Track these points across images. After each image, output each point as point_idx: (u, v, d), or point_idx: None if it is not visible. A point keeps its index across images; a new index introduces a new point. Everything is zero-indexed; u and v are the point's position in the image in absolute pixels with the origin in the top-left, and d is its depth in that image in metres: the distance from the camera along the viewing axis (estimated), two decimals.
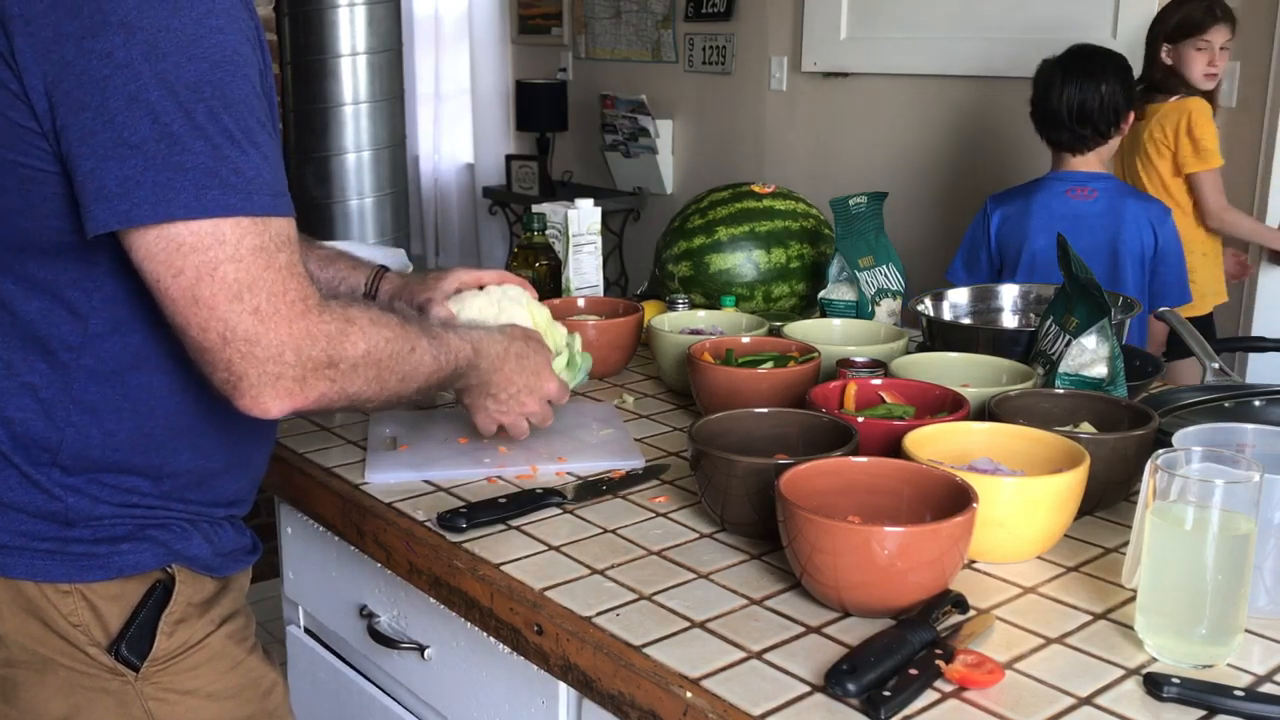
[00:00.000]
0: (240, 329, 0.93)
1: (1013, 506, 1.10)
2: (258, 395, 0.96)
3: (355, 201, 4.54)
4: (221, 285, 0.92)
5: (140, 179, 0.90)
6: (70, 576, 1.03)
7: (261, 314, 0.93)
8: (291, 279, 0.96)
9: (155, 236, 0.91)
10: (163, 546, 1.06)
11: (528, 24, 5.60)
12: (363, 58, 4.38)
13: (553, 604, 1.06)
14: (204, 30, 0.92)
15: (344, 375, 1.00)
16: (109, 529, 1.04)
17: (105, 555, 1.03)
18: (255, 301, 0.93)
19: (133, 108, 0.89)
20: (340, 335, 0.99)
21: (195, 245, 0.91)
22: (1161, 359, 1.61)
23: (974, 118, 3.91)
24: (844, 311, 1.87)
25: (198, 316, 0.93)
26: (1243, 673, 0.95)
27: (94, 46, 0.89)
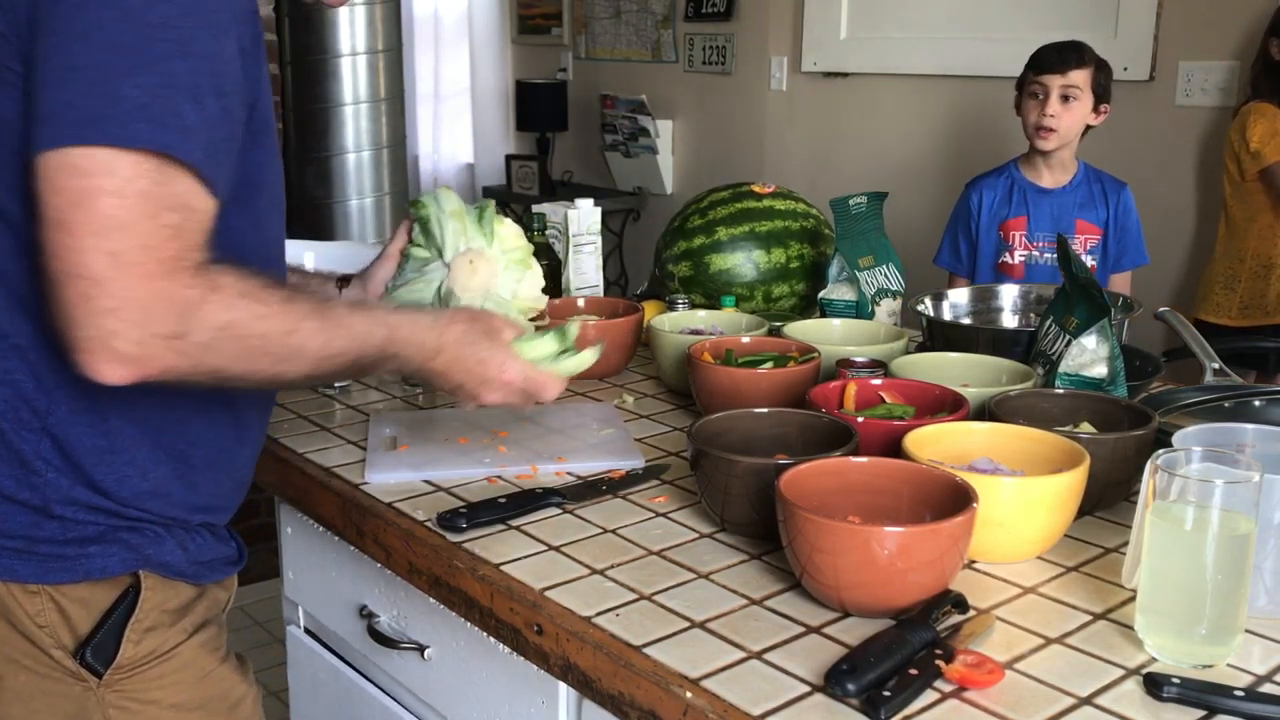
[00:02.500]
0: (90, 267, 0.86)
1: (1013, 506, 1.10)
2: (87, 349, 0.88)
3: (355, 201, 4.54)
4: (92, 215, 0.86)
5: (75, 102, 0.86)
6: (38, 576, 1.01)
7: (120, 260, 0.86)
8: (174, 239, 0.89)
9: (56, 156, 0.86)
10: (133, 551, 1.04)
11: (528, 24, 5.60)
12: (363, 58, 4.38)
13: (553, 604, 1.06)
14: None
15: (197, 349, 0.91)
16: (79, 529, 1.02)
17: (74, 557, 1.01)
18: (118, 244, 0.86)
19: (90, 35, 0.87)
20: (198, 303, 0.90)
21: (85, 170, 0.86)
22: (1161, 359, 1.61)
23: (974, 118, 3.91)
24: (844, 311, 1.87)
25: (58, 240, 0.86)
26: (1243, 673, 0.95)
27: None
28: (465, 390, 1.15)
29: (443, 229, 1.29)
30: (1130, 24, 3.42)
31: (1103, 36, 3.44)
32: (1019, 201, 2.79)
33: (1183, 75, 3.37)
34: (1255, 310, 3.04)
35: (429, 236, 1.31)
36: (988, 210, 2.80)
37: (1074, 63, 2.70)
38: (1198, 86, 3.36)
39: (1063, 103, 2.69)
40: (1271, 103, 2.98)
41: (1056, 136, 2.70)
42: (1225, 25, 3.27)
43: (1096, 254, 2.77)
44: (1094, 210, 2.78)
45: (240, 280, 0.94)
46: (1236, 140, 3.01)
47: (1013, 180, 2.82)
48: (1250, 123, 2.97)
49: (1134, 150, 3.42)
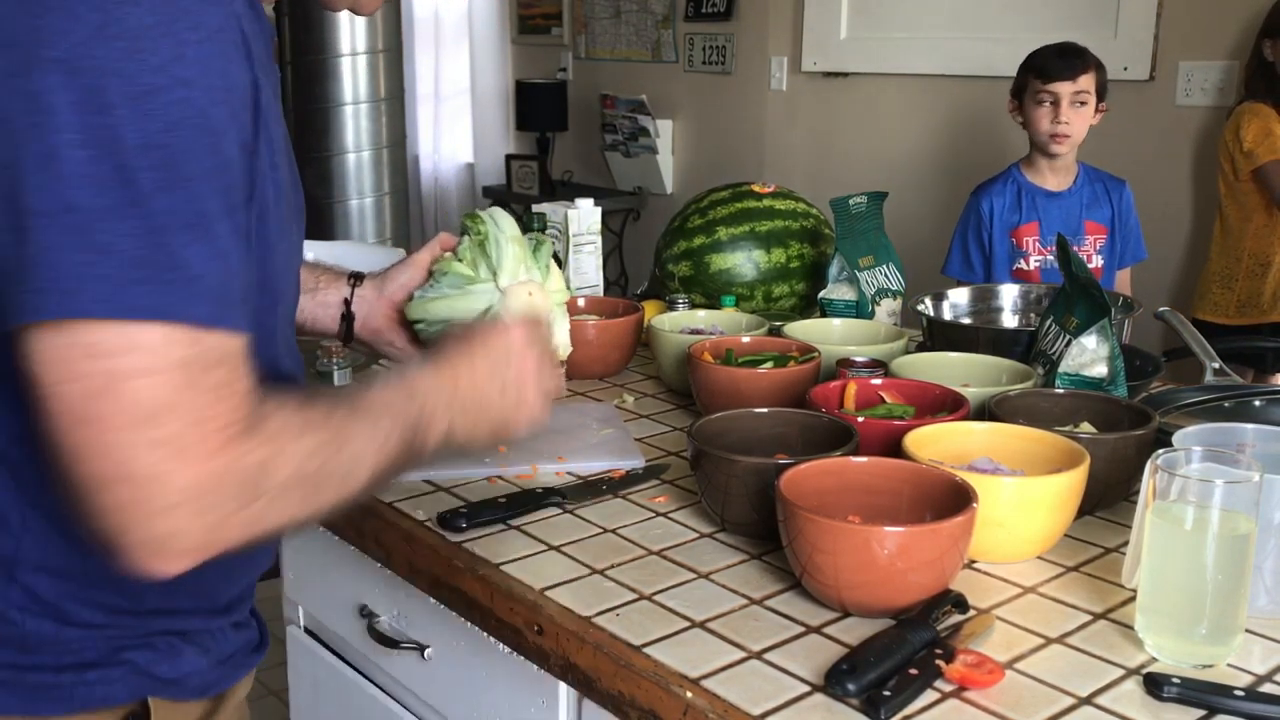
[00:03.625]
0: (136, 465, 0.71)
1: (1013, 506, 1.10)
2: (148, 556, 0.74)
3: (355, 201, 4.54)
4: (124, 405, 0.71)
5: (49, 260, 0.70)
6: (25, 709, 0.85)
7: (171, 449, 0.72)
8: (219, 402, 0.74)
9: (52, 333, 0.70)
10: (141, 674, 0.89)
11: (528, 24, 5.61)
12: (363, 58, 4.39)
13: (553, 604, 1.06)
14: (166, 81, 0.72)
15: (265, 511, 0.78)
16: (75, 654, 0.86)
17: (69, 686, 0.86)
18: (164, 431, 0.72)
19: (51, 168, 0.70)
20: (262, 466, 0.77)
21: (104, 350, 0.70)
22: (1161, 359, 1.61)
23: (974, 118, 3.91)
24: (844, 311, 1.87)
25: (84, 440, 0.71)
26: (1243, 673, 0.95)
27: (21, 87, 0.70)
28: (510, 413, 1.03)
29: (501, 252, 1.22)
30: (1130, 24, 3.42)
31: (1103, 36, 3.44)
32: (1029, 207, 2.78)
33: (1182, 75, 3.37)
34: (1252, 309, 3.05)
35: (482, 256, 1.23)
36: (999, 218, 2.79)
37: (1080, 68, 2.71)
38: (1197, 86, 3.36)
39: (1074, 108, 2.70)
40: (1265, 102, 2.99)
41: (1070, 141, 2.71)
42: (1225, 25, 3.27)
43: (1105, 253, 2.78)
44: (1100, 209, 2.79)
45: (289, 417, 0.81)
46: (1230, 140, 3.02)
47: (1019, 186, 2.81)
48: (1244, 122, 2.98)
49: (1134, 150, 3.42)
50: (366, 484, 0.88)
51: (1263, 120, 2.96)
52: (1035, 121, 2.74)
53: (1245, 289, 3.05)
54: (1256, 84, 3.03)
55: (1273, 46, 2.99)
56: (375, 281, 1.29)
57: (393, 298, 1.27)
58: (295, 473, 0.80)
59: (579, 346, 1.68)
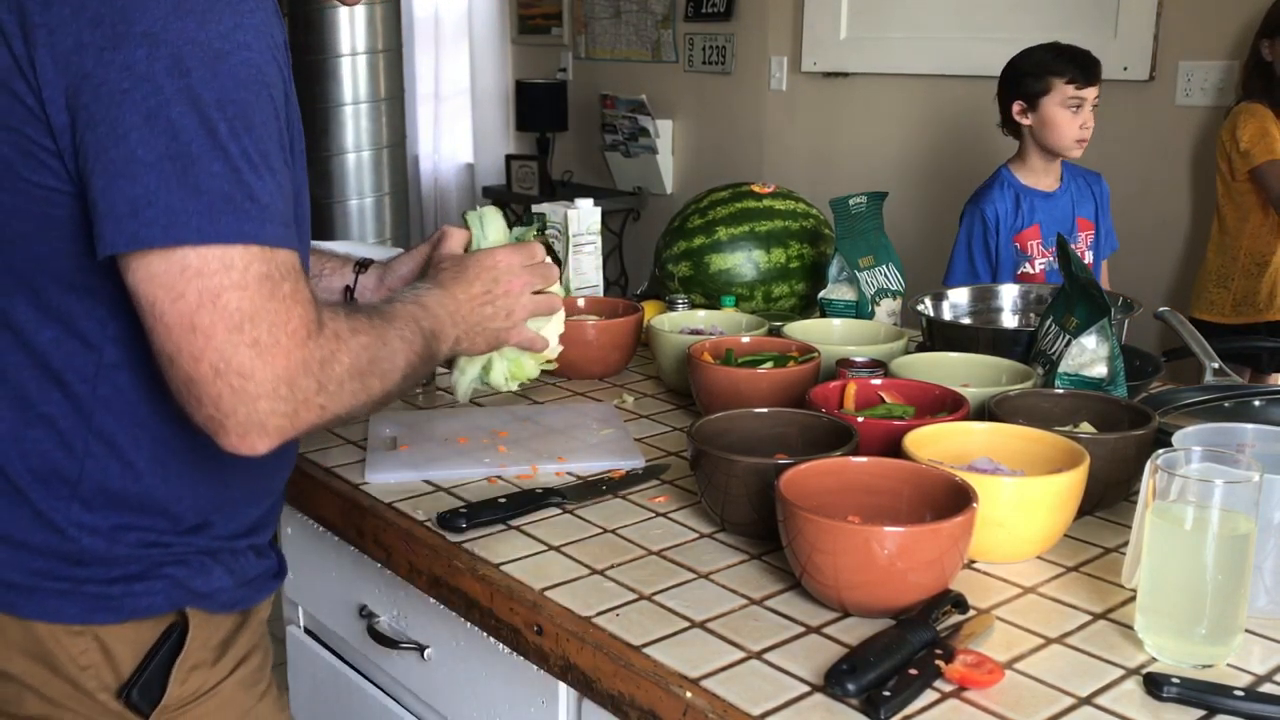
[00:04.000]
0: (235, 361, 0.87)
1: (1013, 506, 1.10)
2: (245, 434, 0.89)
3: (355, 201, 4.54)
4: (223, 313, 0.86)
5: (152, 199, 0.85)
6: (83, 617, 0.98)
7: (260, 346, 0.87)
8: (295, 305, 0.90)
9: (160, 258, 0.86)
10: (179, 586, 1.01)
11: (528, 24, 5.61)
12: (363, 58, 4.39)
13: (553, 604, 1.06)
14: (231, 45, 0.87)
15: (331, 399, 0.94)
16: (124, 567, 0.99)
17: (119, 597, 0.99)
18: (256, 333, 0.87)
19: (150, 124, 0.85)
20: (329, 359, 0.93)
21: (201, 269, 0.86)
22: (1161, 359, 1.61)
23: (974, 118, 3.90)
24: (844, 311, 1.87)
25: (192, 345, 0.86)
26: (1243, 673, 0.95)
27: (114, 58, 0.85)
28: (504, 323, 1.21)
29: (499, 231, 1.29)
30: (1130, 24, 3.42)
31: (1103, 36, 3.44)
32: (1028, 210, 2.77)
33: (1182, 75, 3.38)
34: (1248, 308, 3.06)
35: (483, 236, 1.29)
36: (1003, 222, 2.76)
37: (1100, 73, 2.72)
38: (1197, 86, 3.36)
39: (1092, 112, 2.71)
40: (1262, 103, 2.99)
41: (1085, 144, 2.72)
42: (1225, 25, 3.27)
43: (1094, 248, 2.79)
44: (1086, 205, 2.81)
45: (343, 319, 0.97)
46: (1227, 140, 3.03)
47: (1015, 189, 2.79)
48: (1241, 123, 2.98)
49: (1134, 150, 3.42)
50: (400, 380, 1.04)
51: (1259, 120, 2.96)
52: (1059, 125, 2.70)
53: (1241, 288, 3.06)
54: (1254, 84, 3.04)
55: (1270, 47, 3.00)
56: (378, 271, 1.36)
57: (392, 287, 1.32)
58: (352, 365, 0.96)
59: (579, 346, 1.69)
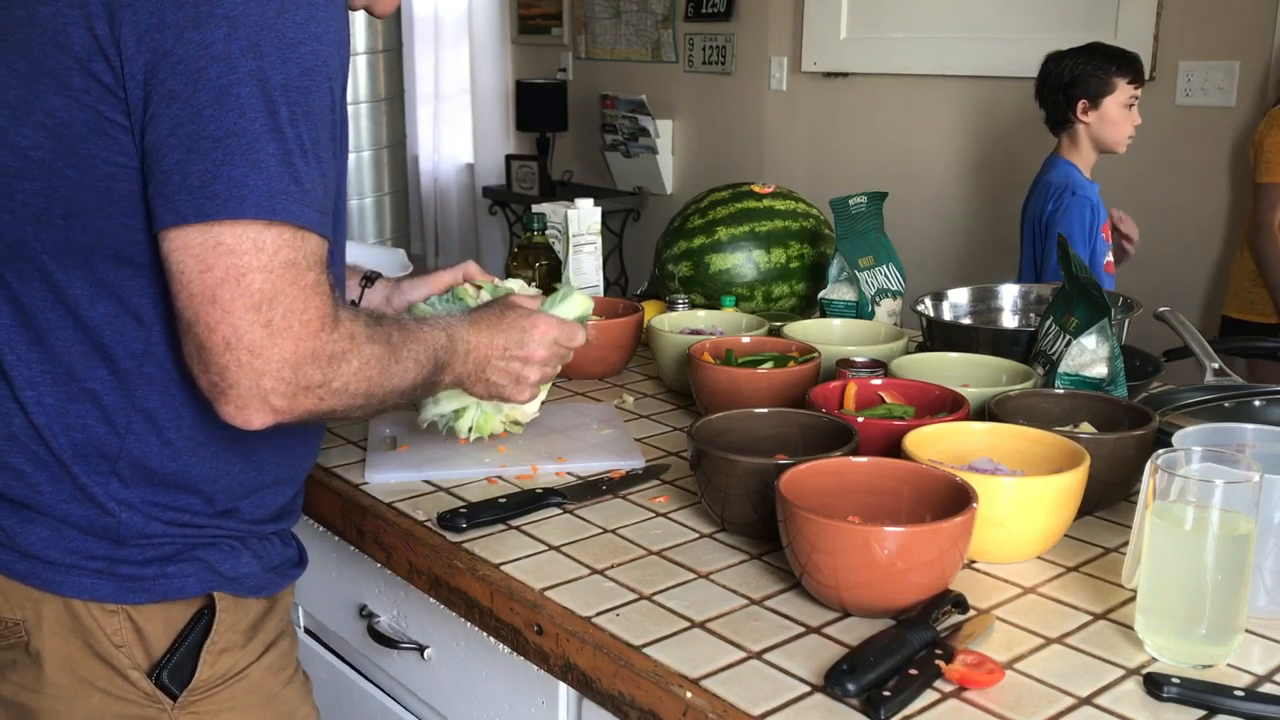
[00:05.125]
0: (247, 339, 0.91)
1: (1013, 506, 1.10)
2: (243, 406, 0.93)
3: (355, 201, 4.54)
4: (244, 292, 0.90)
5: (217, 174, 0.89)
6: (118, 597, 1.01)
7: (273, 328, 0.91)
8: (315, 296, 0.94)
9: (199, 232, 0.89)
10: (210, 570, 1.05)
11: (528, 24, 5.61)
12: (363, 58, 4.39)
13: (553, 604, 1.06)
14: (304, 35, 0.91)
15: (334, 393, 0.97)
16: (158, 548, 1.02)
17: (153, 578, 1.02)
18: (271, 314, 0.91)
19: (223, 101, 0.88)
20: (340, 355, 0.96)
21: (233, 247, 0.89)
22: (1161, 359, 1.61)
23: (974, 118, 3.91)
24: (844, 311, 1.87)
25: (210, 316, 0.90)
26: (1243, 673, 0.95)
27: (194, 37, 0.88)
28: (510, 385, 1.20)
29: None
30: (1130, 24, 3.42)
31: (1103, 37, 3.43)
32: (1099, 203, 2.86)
33: (1183, 75, 3.38)
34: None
35: None
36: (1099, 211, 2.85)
37: None
38: (1198, 86, 3.36)
39: None
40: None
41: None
42: (1225, 25, 3.27)
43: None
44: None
45: (362, 324, 1.00)
46: (1257, 142, 3.00)
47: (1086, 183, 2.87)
48: (1272, 132, 2.95)
49: (1134, 150, 3.42)
50: (401, 396, 1.07)
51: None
52: (1119, 123, 2.83)
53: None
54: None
55: None
56: (387, 289, 1.37)
57: (399, 305, 1.35)
58: (360, 369, 0.99)
59: (579, 346, 1.69)
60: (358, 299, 1.36)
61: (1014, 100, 3.74)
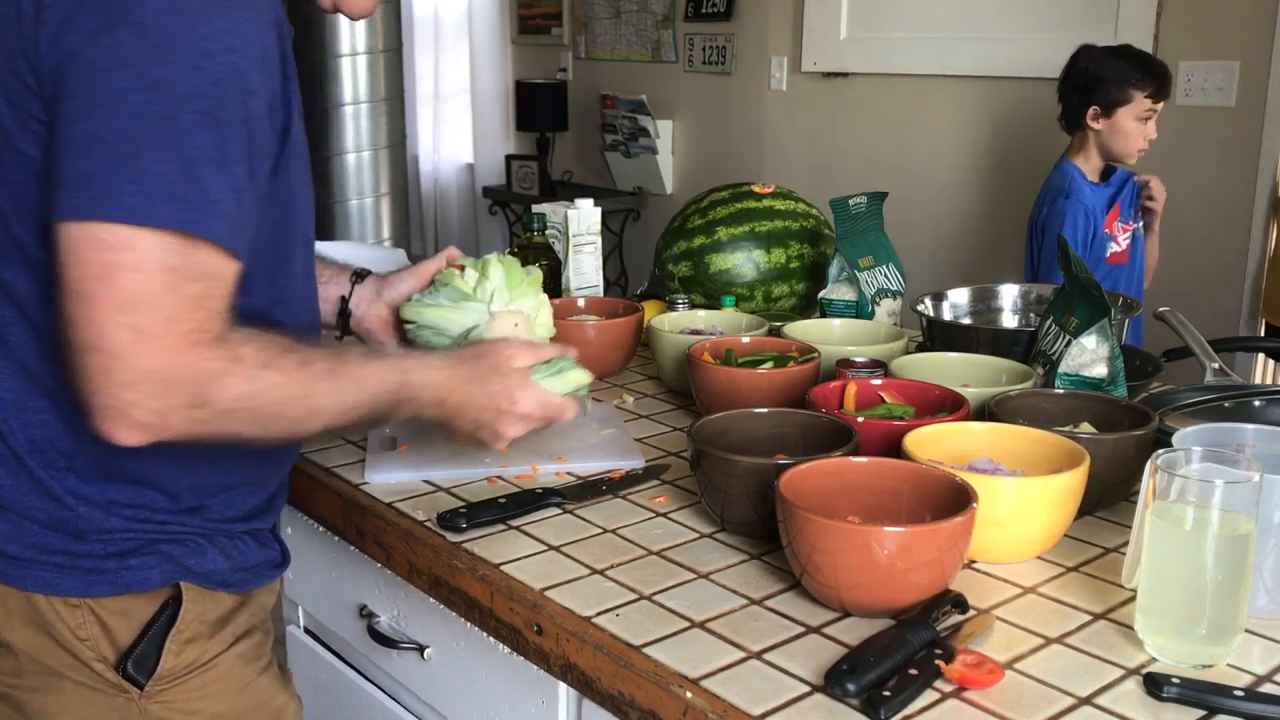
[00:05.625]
0: (111, 340, 0.87)
1: (1013, 506, 1.10)
2: (105, 418, 0.90)
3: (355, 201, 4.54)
4: (114, 290, 0.87)
5: (98, 174, 0.87)
6: (79, 590, 1.01)
7: (142, 335, 0.87)
8: (194, 310, 0.90)
9: (81, 229, 0.88)
10: (174, 563, 1.04)
11: (528, 24, 5.60)
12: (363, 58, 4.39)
13: (553, 604, 1.06)
14: (218, 46, 0.90)
15: (216, 418, 0.93)
16: (120, 543, 1.02)
17: (114, 570, 1.02)
18: (141, 319, 0.87)
19: (116, 104, 0.87)
20: (219, 375, 0.92)
21: (109, 244, 0.87)
22: (1161, 359, 1.61)
23: (974, 118, 3.91)
24: (844, 311, 1.87)
25: (79, 312, 0.88)
26: (1243, 673, 0.95)
27: (104, 41, 0.88)
28: (485, 430, 1.18)
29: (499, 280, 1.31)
30: (1130, 24, 3.42)
31: (1103, 36, 3.43)
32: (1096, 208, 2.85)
33: (1183, 75, 3.37)
34: None
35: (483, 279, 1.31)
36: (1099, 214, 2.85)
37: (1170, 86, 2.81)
38: (1198, 86, 3.36)
39: None
40: None
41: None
42: (1225, 25, 3.27)
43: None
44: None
45: (260, 349, 0.96)
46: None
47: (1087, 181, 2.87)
48: None
49: None
50: (317, 432, 1.04)
51: None
52: (1130, 136, 2.76)
53: None
54: None
55: None
56: (377, 284, 1.37)
57: (390, 302, 1.35)
58: (249, 395, 0.94)
59: (579, 346, 1.68)
60: (348, 295, 1.36)
61: (1014, 100, 3.75)
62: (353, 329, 1.37)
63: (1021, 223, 3.04)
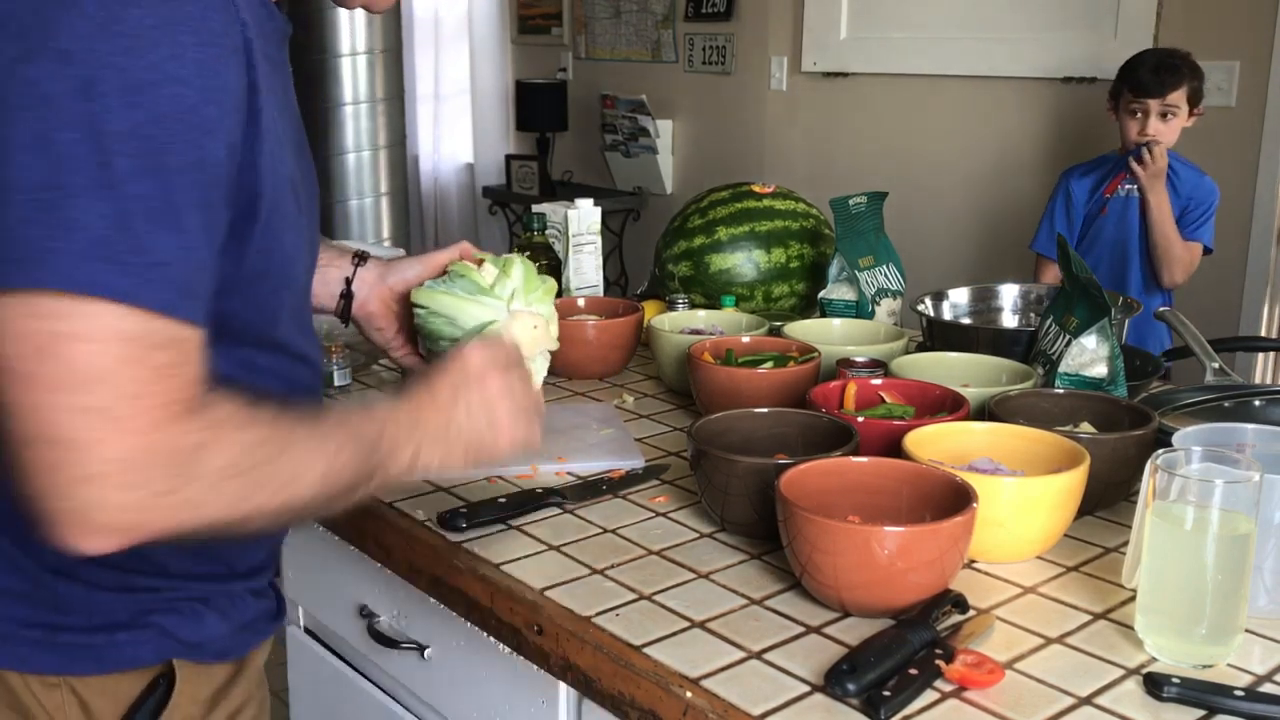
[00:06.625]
0: (61, 429, 0.72)
1: (1013, 506, 1.10)
2: (63, 524, 0.74)
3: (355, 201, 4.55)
4: (65, 367, 0.72)
5: (18, 233, 0.73)
6: (58, 668, 0.90)
7: (106, 416, 0.73)
8: (161, 380, 0.75)
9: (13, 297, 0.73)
10: (168, 636, 0.94)
11: (528, 24, 5.60)
12: (362, 58, 4.39)
13: (553, 604, 1.06)
14: (159, 77, 0.75)
15: (197, 498, 0.78)
16: (106, 615, 0.91)
17: (100, 646, 0.91)
18: (102, 399, 0.73)
19: (37, 147, 0.73)
20: (198, 449, 0.77)
21: (52, 312, 0.72)
22: (1161, 359, 1.61)
23: (974, 118, 3.91)
24: (844, 311, 1.87)
25: (20, 398, 0.73)
26: (1243, 673, 0.95)
27: (24, 73, 0.74)
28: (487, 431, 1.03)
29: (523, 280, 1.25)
30: (1130, 24, 3.42)
31: (1103, 37, 3.44)
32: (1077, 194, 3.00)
33: None
34: None
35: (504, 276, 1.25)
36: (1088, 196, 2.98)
37: (1172, 84, 2.82)
38: None
39: (1162, 120, 2.83)
40: None
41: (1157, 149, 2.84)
42: (1225, 25, 3.27)
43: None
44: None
45: (235, 411, 0.82)
46: None
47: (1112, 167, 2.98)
48: None
49: None
50: (316, 495, 0.87)
51: None
52: (1124, 129, 2.90)
53: None
54: None
55: None
56: (381, 267, 1.31)
57: (393, 287, 1.29)
58: (233, 463, 0.80)
59: (579, 346, 1.69)
60: (351, 276, 1.28)
61: (1014, 100, 3.74)
62: (354, 313, 1.31)
63: (1022, 223, 3.04)
